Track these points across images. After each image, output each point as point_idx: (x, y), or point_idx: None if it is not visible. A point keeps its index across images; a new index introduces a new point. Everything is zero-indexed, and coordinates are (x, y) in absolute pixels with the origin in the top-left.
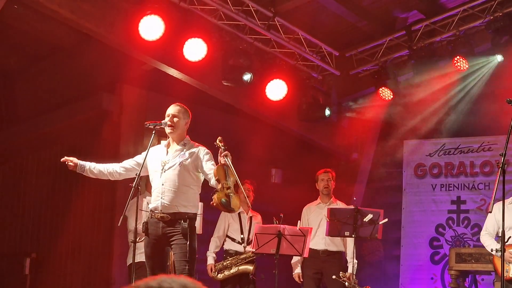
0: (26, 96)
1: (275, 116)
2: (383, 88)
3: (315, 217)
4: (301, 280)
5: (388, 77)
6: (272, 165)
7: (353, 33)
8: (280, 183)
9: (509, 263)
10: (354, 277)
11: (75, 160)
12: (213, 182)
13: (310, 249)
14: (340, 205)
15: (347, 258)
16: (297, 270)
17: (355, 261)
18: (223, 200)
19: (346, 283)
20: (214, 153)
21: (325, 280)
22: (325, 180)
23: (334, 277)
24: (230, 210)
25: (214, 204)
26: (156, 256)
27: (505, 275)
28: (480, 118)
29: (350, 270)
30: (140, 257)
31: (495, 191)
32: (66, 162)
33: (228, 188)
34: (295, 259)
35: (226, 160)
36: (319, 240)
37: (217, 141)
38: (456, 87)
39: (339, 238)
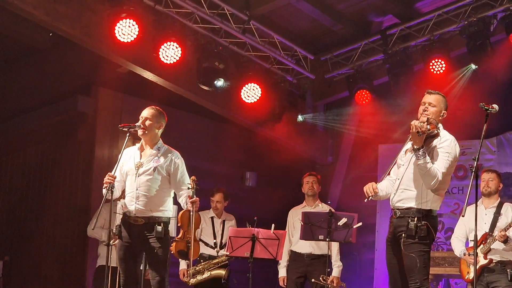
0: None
1: (250, 119)
2: (362, 91)
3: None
4: (285, 284)
5: (363, 81)
6: (247, 168)
7: (328, 37)
8: (255, 186)
9: (470, 265)
10: (339, 280)
11: None
12: (181, 200)
13: (295, 252)
14: (326, 208)
15: (332, 261)
16: (282, 274)
17: (340, 264)
18: (181, 250)
19: (329, 287)
20: (191, 153)
21: (309, 283)
22: (310, 182)
23: (313, 280)
24: (187, 259)
25: (173, 253)
26: (129, 259)
27: (466, 277)
28: (454, 122)
29: (334, 273)
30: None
31: (468, 196)
32: None
33: (189, 236)
34: (282, 262)
35: (192, 208)
36: (304, 244)
37: (191, 181)
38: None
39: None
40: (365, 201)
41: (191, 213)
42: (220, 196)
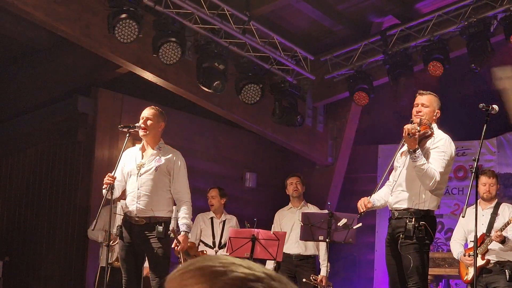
0: None
1: (250, 120)
2: (362, 92)
3: (287, 222)
4: None
5: (363, 82)
6: (246, 169)
7: (328, 37)
8: (254, 187)
9: (468, 266)
10: (327, 280)
11: None
12: (178, 204)
13: (283, 253)
14: (312, 208)
15: (320, 261)
16: None
17: (328, 264)
18: None
19: (318, 286)
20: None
21: (298, 283)
22: (294, 183)
23: (304, 280)
24: None
25: None
26: (130, 259)
27: (464, 278)
28: (454, 123)
29: (323, 272)
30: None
31: (468, 197)
32: None
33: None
34: (268, 265)
35: (181, 255)
36: (292, 245)
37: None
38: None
39: (312, 241)
40: (358, 216)
41: (180, 255)
42: (215, 191)
